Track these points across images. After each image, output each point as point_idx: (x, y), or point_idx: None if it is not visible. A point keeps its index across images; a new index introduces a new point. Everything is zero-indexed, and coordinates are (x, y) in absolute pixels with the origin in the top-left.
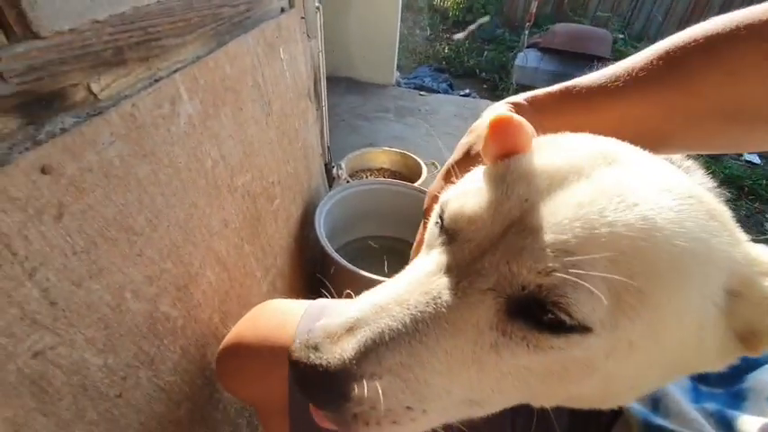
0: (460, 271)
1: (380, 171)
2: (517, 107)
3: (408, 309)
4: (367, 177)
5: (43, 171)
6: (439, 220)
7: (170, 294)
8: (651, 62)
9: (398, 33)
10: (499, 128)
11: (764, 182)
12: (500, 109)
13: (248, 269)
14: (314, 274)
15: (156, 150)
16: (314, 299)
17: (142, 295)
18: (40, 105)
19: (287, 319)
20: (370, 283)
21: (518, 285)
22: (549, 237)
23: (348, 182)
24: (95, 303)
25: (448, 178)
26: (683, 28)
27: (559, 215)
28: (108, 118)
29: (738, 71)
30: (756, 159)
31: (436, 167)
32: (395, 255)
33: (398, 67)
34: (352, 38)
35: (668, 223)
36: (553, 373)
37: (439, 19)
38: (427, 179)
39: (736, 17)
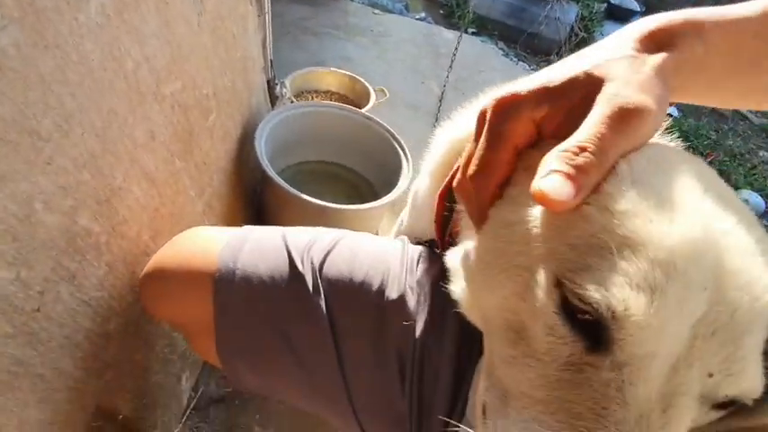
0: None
1: (327, 93)
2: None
3: None
4: (312, 99)
5: None
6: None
7: (89, 208)
8: None
9: None
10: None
11: (677, 134)
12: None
13: (180, 186)
14: (253, 195)
15: (62, 42)
16: (250, 223)
17: (56, 207)
18: None
19: (209, 245)
20: (309, 207)
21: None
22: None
23: (292, 102)
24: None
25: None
26: None
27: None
28: None
29: None
30: (675, 112)
31: (385, 94)
32: (336, 180)
33: None
34: None
35: None
36: None
37: None
38: (374, 106)
39: None
